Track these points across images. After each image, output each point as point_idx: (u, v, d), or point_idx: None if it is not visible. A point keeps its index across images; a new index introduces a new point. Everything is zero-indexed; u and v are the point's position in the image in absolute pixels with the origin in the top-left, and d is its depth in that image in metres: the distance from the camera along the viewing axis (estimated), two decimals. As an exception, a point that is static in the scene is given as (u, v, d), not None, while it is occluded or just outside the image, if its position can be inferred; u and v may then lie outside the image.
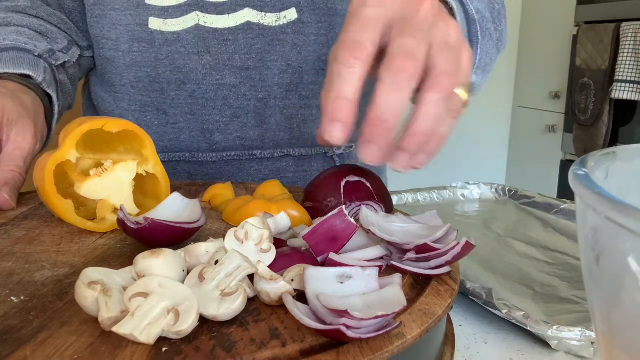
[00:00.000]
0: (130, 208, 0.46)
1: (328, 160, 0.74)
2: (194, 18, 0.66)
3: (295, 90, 0.69)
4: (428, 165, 0.41)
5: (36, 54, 0.62)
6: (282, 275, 0.32)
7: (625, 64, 1.98)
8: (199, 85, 0.67)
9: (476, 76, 0.55)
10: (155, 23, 0.66)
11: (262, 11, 0.66)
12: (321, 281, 0.31)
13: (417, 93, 0.37)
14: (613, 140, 2.13)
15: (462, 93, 0.39)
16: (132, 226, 0.39)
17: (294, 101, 0.69)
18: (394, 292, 0.31)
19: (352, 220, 0.36)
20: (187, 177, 0.71)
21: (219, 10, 0.65)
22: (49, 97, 0.63)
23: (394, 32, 0.37)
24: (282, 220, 0.40)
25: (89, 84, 0.78)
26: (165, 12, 0.66)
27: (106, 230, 0.45)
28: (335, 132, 0.36)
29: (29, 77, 0.60)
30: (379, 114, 0.36)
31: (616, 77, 2.01)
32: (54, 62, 0.65)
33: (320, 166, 0.73)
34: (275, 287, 0.31)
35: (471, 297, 0.45)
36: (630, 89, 1.97)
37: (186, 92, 0.68)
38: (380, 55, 0.37)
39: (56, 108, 0.64)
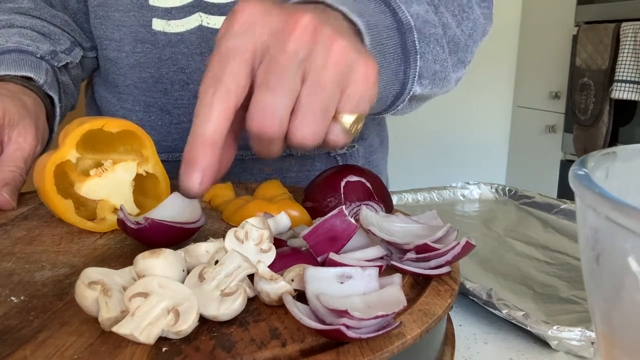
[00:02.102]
0: (130, 208, 0.46)
1: (330, 160, 0.74)
2: (197, 19, 0.66)
3: None
4: (428, 165, 0.41)
5: (38, 55, 0.62)
6: (282, 275, 0.32)
7: (625, 64, 1.98)
8: None
9: (421, 87, 0.51)
10: (158, 24, 0.66)
11: None
12: (321, 281, 0.31)
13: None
14: (613, 140, 2.13)
15: (346, 121, 0.36)
16: (132, 226, 0.39)
17: None
18: (394, 292, 0.31)
19: (352, 220, 0.36)
20: None
21: (221, 11, 0.66)
22: (51, 98, 0.63)
23: (260, 71, 0.34)
24: (282, 220, 0.40)
25: (92, 85, 0.78)
26: (169, 14, 0.66)
27: (106, 230, 0.45)
28: (192, 180, 0.33)
29: (30, 79, 0.61)
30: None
31: (616, 77, 2.01)
32: (56, 64, 0.65)
33: (323, 165, 0.73)
34: (275, 287, 0.31)
35: (471, 297, 0.45)
36: (630, 89, 1.97)
37: (190, 93, 0.68)
38: None
39: (58, 110, 0.64)
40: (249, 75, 0.34)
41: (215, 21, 0.66)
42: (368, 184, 0.47)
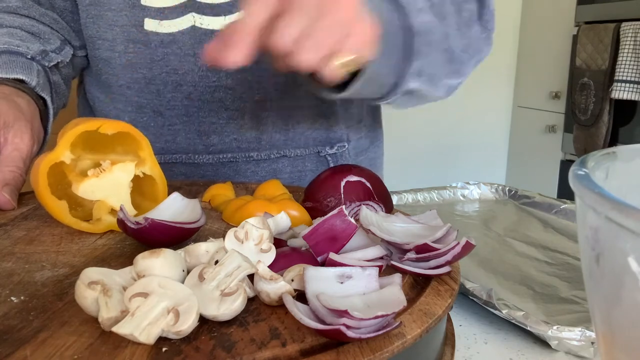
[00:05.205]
0: (128, 209, 0.46)
1: (321, 160, 0.74)
2: (190, 19, 0.65)
3: (291, 91, 0.69)
4: (428, 165, 0.42)
5: (29, 56, 0.62)
6: (282, 275, 0.32)
7: (625, 64, 1.98)
8: (195, 87, 0.67)
9: (416, 84, 0.59)
10: (150, 24, 0.66)
11: None
12: (321, 281, 0.31)
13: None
14: (613, 140, 2.12)
15: (340, 58, 0.45)
16: (132, 226, 0.39)
17: (290, 102, 0.69)
18: (394, 292, 0.31)
19: (352, 220, 0.36)
20: (183, 179, 0.71)
21: (215, 11, 0.65)
22: (43, 99, 0.63)
23: (290, 6, 0.43)
24: (282, 220, 0.40)
25: (84, 84, 0.78)
26: (161, 14, 0.65)
27: (101, 231, 0.45)
28: (232, 54, 0.42)
29: (22, 81, 0.60)
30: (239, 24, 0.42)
31: (616, 77, 2.01)
32: (47, 64, 0.65)
33: (314, 166, 0.73)
34: (275, 287, 0.31)
35: (471, 297, 0.45)
36: (630, 89, 1.97)
37: (182, 94, 0.68)
38: None
39: (51, 111, 0.64)
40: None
41: (208, 22, 0.65)
42: (368, 184, 0.47)
